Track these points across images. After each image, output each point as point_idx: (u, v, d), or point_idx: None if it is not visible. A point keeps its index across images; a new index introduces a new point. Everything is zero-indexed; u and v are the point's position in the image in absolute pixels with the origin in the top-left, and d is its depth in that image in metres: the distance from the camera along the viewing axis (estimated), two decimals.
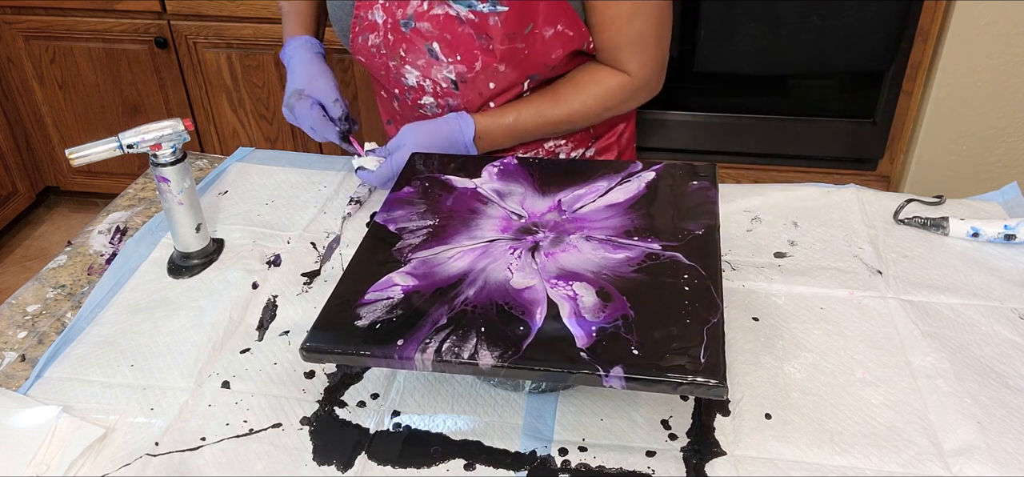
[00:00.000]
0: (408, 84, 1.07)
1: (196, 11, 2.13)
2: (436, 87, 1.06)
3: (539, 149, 1.16)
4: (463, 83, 1.04)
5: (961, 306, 0.90)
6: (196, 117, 2.31)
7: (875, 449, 0.74)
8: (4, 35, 2.25)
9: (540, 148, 1.16)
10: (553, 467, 0.74)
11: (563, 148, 1.17)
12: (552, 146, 1.16)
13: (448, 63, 1.02)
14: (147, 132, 0.93)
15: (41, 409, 0.80)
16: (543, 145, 1.16)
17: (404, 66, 1.05)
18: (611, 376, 0.68)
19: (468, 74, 1.03)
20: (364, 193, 1.13)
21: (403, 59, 1.05)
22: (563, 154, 1.18)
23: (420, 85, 1.06)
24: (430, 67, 1.04)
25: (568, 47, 1.03)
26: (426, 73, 1.05)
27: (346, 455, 0.76)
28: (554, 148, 1.17)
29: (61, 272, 1.04)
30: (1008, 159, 1.99)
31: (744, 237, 1.03)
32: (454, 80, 1.03)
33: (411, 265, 0.84)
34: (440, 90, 1.06)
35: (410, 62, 1.04)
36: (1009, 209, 1.05)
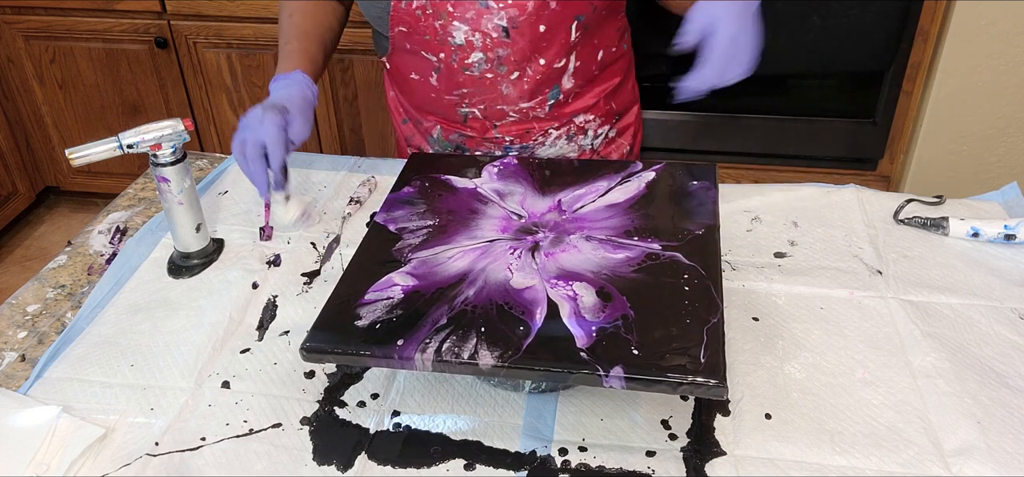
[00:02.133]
0: (455, 43, 1.04)
1: (196, 11, 2.13)
2: (486, 40, 1.03)
3: (570, 125, 1.15)
4: (514, 29, 1.02)
5: (961, 306, 0.90)
6: (196, 117, 2.31)
7: (875, 449, 0.74)
8: (4, 35, 2.25)
9: (571, 124, 1.15)
10: (553, 467, 0.74)
11: (591, 124, 1.16)
12: (582, 121, 1.15)
13: (499, 8, 1.01)
14: (147, 132, 0.93)
15: (41, 409, 0.80)
16: (573, 121, 1.15)
17: (451, 23, 1.03)
18: (611, 376, 0.68)
19: (520, 18, 1.01)
20: (364, 193, 1.13)
21: (450, 15, 1.02)
22: (591, 130, 1.17)
23: (469, 41, 1.04)
24: (480, 17, 1.02)
25: None
26: (476, 25, 1.02)
27: (346, 455, 0.76)
28: (584, 124, 1.16)
29: (61, 272, 1.04)
30: (1008, 159, 1.99)
31: (744, 237, 1.03)
32: (505, 27, 1.02)
33: (411, 265, 0.84)
34: (490, 42, 1.03)
35: (458, 16, 1.02)
36: (1009, 209, 1.05)
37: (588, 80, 1.13)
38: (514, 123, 1.12)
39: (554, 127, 1.14)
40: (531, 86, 1.08)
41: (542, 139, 1.14)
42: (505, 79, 1.07)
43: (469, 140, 1.15)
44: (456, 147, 1.17)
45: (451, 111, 1.13)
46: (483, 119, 1.12)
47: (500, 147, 1.15)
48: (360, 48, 2.11)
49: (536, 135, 1.14)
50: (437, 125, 1.16)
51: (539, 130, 1.13)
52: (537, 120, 1.12)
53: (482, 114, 1.11)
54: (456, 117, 1.13)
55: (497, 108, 1.10)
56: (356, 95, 2.20)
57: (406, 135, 1.24)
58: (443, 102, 1.12)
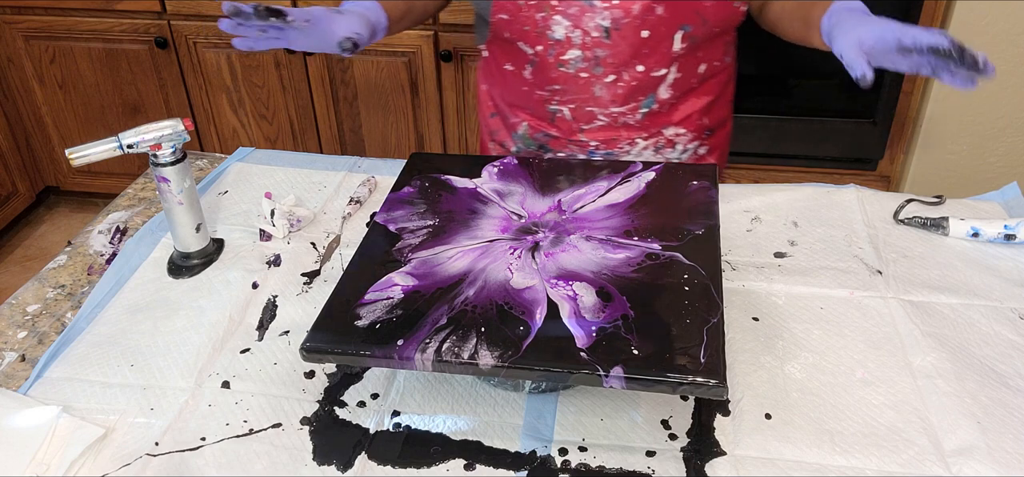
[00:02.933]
0: (554, 37, 1.03)
1: (196, 11, 2.13)
2: (585, 38, 1.02)
3: (660, 137, 1.12)
4: (616, 30, 1.01)
5: (961, 306, 0.90)
6: (196, 117, 2.31)
7: (875, 449, 0.74)
8: (4, 35, 2.25)
9: (661, 136, 1.12)
10: (553, 467, 0.74)
11: (682, 139, 1.13)
12: (672, 135, 1.12)
13: (603, 8, 0.99)
14: (147, 132, 0.93)
15: (41, 409, 0.80)
16: (663, 133, 1.12)
17: (553, 17, 1.01)
18: (611, 376, 0.68)
19: (623, 20, 1.00)
20: (364, 193, 1.13)
21: (553, 8, 1.01)
22: (681, 144, 1.14)
23: (568, 37, 1.02)
24: (582, 14, 1.00)
25: None
26: (577, 22, 1.01)
27: (346, 455, 0.76)
28: (674, 138, 1.13)
29: (61, 272, 1.04)
30: (1008, 159, 1.99)
31: (744, 237, 1.03)
32: (607, 27, 1.00)
33: (411, 265, 0.84)
34: (589, 40, 1.02)
35: (561, 10, 1.01)
36: (1009, 209, 1.05)
37: (686, 92, 1.09)
38: (602, 128, 1.10)
39: (643, 137, 1.11)
40: (625, 91, 1.06)
41: (628, 148, 1.12)
42: (599, 81, 1.05)
43: (554, 140, 1.13)
44: (539, 147, 1.15)
45: (540, 108, 1.11)
46: (571, 120, 1.10)
47: (584, 151, 1.12)
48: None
49: (622, 143, 1.11)
50: (524, 122, 1.15)
51: (626, 138, 1.11)
52: (626, 128, 1.10)
53: (571, 114, 1.09)
54: (545, 114, 1.11)
55: (587, 110, 1.08)
56: (356, 95, 2.20)
57: (492, 129, 1.22)
58: (534, 97, 1.10)
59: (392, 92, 2.17)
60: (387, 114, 2.22)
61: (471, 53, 2.07)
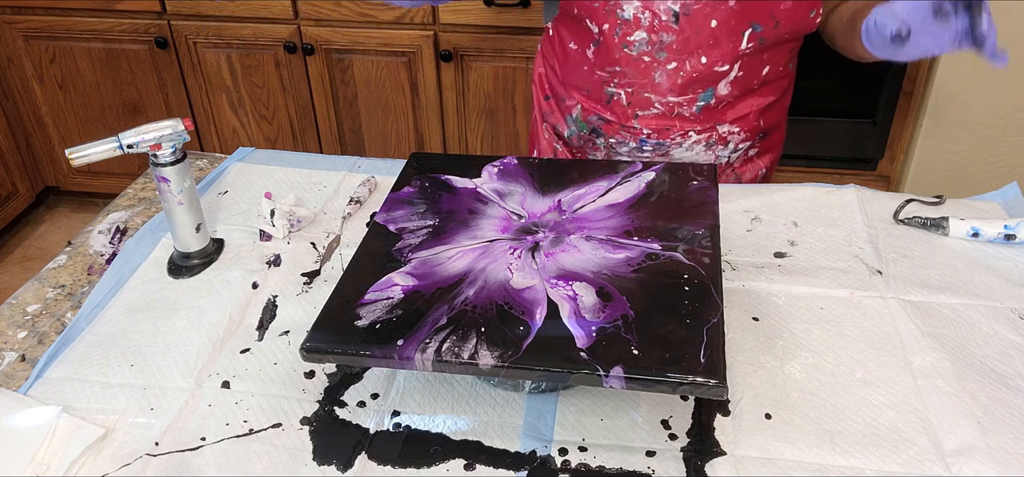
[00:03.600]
0: (623, 17, 1.03)
1: (196, 11, 2.13)
2: (654, 20, 1.02)
3: (713, 132, 1.11)
4: (685, 17, 1.00)
5: (961, 306, 0.90)
6: (196, 117, 2.31)
7: (875, 449, 0.74)
8: (4, 35, 2.25)
9: (714, 132, 1.11)
10: (553, 467, 0.74)
11: (734, 137, 1.13)
12: (725, 132, 1.12)
13: None
14: (147, 132, 0.93)
15: (41, 409, 0.80)
16: (716, 129, 1.11)
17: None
18: (611, 376, 0.68)
19: (693, 6, 0.99)
20: (364, 193, 1.13)
21: None
22: (733, 143, 1.14)
23: (636, 17, 1.02)
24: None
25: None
26: (647, 3, 1.01)
27: (346, 455, 0.76)
28: (727, 135, 1.13)
29: (61, 272, 1.04)
30: (1008, 159, 1.99)
31: (744, 237, 1.03)
32: (677, 12, 1.00)
33: (411, 265, 0.84)
34: (657, 23, 1.02)
35: None
36: (1009, 209, 1.05)
37: (746, 92, 1.09)
38: (656, 116, 1.09)
39: (696, 130, 1.11)
40: (685, 81, 1.05)
41: (680, 140, 1.11)
42: (661, 67, 1.05)
43: (607, 124, 1.13)
44: (591, 131, 1.15)
45: (598, 89, 1.11)
46: (627, 105, 1.10)
47: (636, 139, 1.12)
48: (359, 48, 2.11)
49: (674, 134, 1.11)
50: (579, 104, 1.15)
51: (679, 129, 1.10)
52: (681, 119, 1.10)
53: (627, 98, 1.09)
54: (601, 96, 1.11)
55: (644, 95, 1.08)
56: (356, 95, 2.20)
57: (545, 112, 1.22)
58: (593, 78, 1.10)
59: (392, 92, 2.17)
60: (387, 114, 2.22)
61: (471, 53, 2.07)
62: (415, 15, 2.03)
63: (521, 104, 2.13)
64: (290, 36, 2.12)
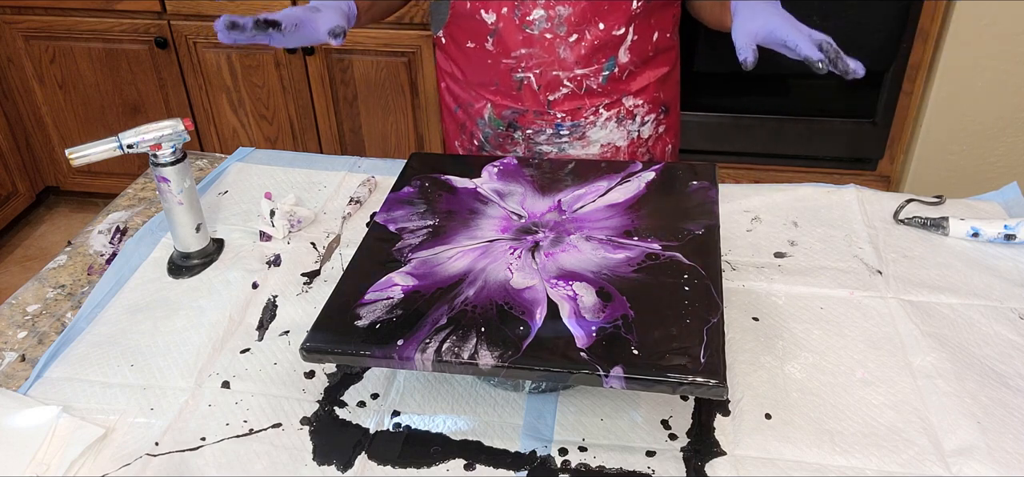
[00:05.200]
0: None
1: (196, 11, 2.13)
2: None
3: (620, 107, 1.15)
4: None
5: (961, 306, 0.90)
6: (196, 117, 2.31)
7: (875, 449, 0.74)
8: (4, 35, 2.25)
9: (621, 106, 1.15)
10: (553, 467, 0.74)
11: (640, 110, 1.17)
12: (631, 105, 1.16)
13: None
14: (147, 132, 0.93)
15: (41, 409, 0.80)
16: (622, 103, 1.15)
17: None
18: (611, 376, 0.68)
19: None
20: (364, 193, 1.13)
21: None
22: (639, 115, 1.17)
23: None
24: None
25: None
26: None
27: (346, 455, 0.76)
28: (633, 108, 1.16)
29: (61, 272, 1.04)
30: (1008, 159, 1.99)
31: (744, 237, 1.03)
32: None
33: (411, 265, 0.84)
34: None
35: None
36: (1009, 209, 1.05)
37: (643, 60, 1.13)
38: (568, 96, 1.12)
39: (605, 105, 1.14)
40: (588, 50, 1.08)
41: (593, 118, 1.14)
42: (564, 41, 1.07)
43: (521, 116, 1.14)
44: (508, 126, 1.16)
45: (506, 78, 1.12)
46: (538, 88, 1.11)
47: (552, 125, 1.14)
48: (359, 48, 2.11)
49: (587, 112, 1.14)
50: (488, 104, 1.16)
51: (590, 107, 1.13)
52: (590, 95, 1.12)
53: (537, 80, 1.11)
54: (511, 85, 1.12)
55: (553, 74, 1.10)
56: (356, 95, 2.20)
57: (460, 122, 1.23)
58: (499, 69, 1.12)
59: (392, 92, 2.17)
60: (387, 114, 2.22)
61: None
62: (415, 15, 2.03)
63: None
64: None
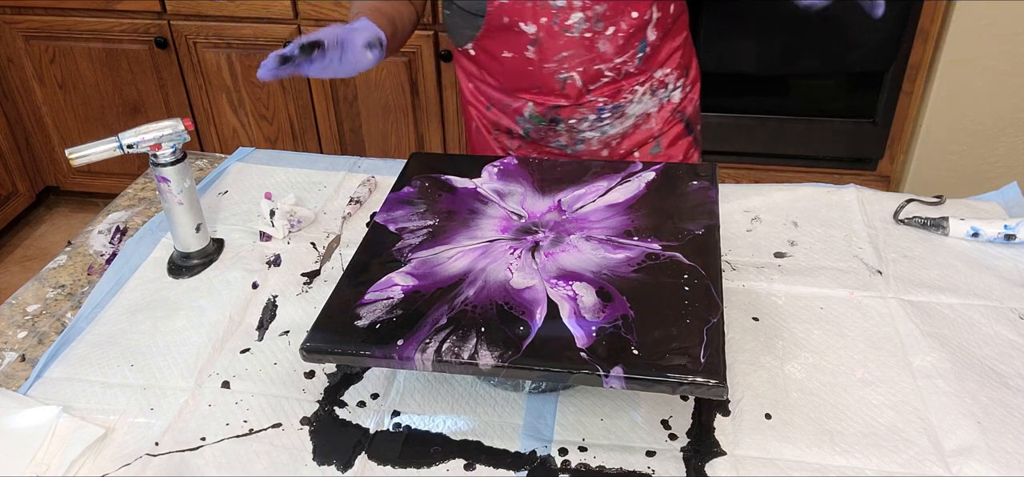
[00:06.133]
0: (556, 6, 1.07)
1: (196, 11, 2.13)
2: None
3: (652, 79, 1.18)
4: None
5: (961, 306, 0.90)
6: (196, 117, 2.31)
7: (875, 449, 0.74)
8: (4, 35, 2.25)
9: (652, 78, 1.18)
10: (553, 467, 0.74)
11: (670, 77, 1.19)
12: (662, 75, 1.18)
13: None
14: (147, 132, 0.93)
15: (41, 409, 0.80)
16: (653, 75, 1.17)
17: None
18: (611, 376, 0.68)
19: None
20: (364, 193, 1.13)
21: None
22: (670, 82, 1.19)
23: (569, 3, 1.07)
24: None
25: None
26: None
27: (346, 455, 0.76)
28: (664, 78, 1.19)
29: (61, 272, 1.04)
30: (1008, 159, 1.99)
31: (744, 237, 1.03)
32: None
33: (411, 265, 0.84)
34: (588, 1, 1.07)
35: None
36: (1009, 209, 1.05)
37: (665, 33, 1.16)
38: (607, 83, 1.14)
39: (640, 83, 1.17)
40: (624, 39, 1.10)
41: (630, 96, 1.17)
42: (601, 36, 1.09)
43: (564, 109, 1.16)
44: (550, 121, 1.18)
45: (549, 81, 1.14)
46: (580, 85, 1.13)
47: (593, 110, 1.16)
48: None
49: (625, 93, 1.16)
50: (529, 102, 1.17)
51: (628, 88, 1.16)
52: (628, 77, 1.15)
53: (580, 77, 1.13)
54: (553, 86, 1.14)
55: (594, 68, 1.12)
56: (356, 95, 2.20)
57: (492, 120, 1.23)
58: (541, 73, 1.13)
59: (392, 92, 2.17)
60: (387, 114, 2.22)
61: None
62: None
63: None
64: (290, 36, 2.12)
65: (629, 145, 1.22)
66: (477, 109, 1.25)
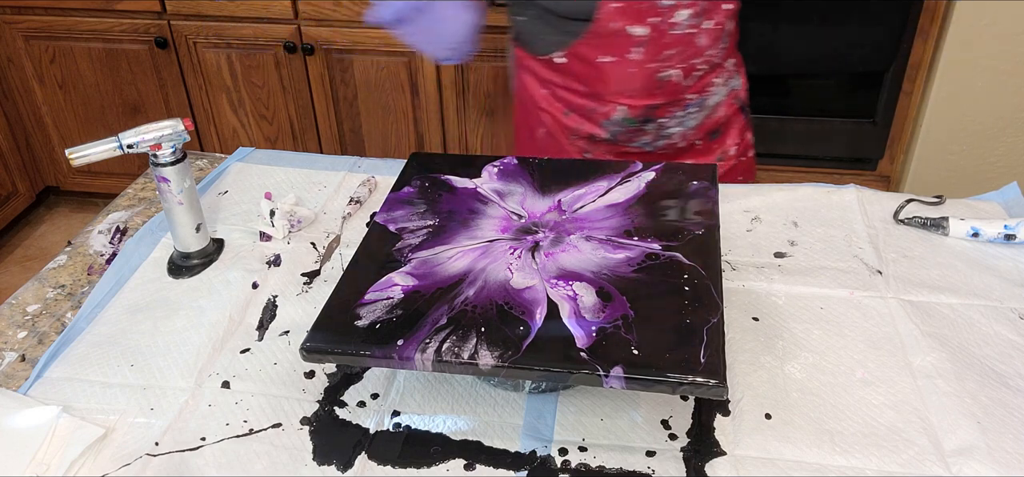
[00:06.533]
0: (664, 5, 1.07)
1: (196, 11, 2.13)
2: None
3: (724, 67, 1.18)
4: None
5: (961, 306, 0.90)
6: (196, 117, 2.31)
7: (875, 449, 0.74)
8: (4, 35, 2.25)
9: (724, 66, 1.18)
10: (553, 467, 0.74)
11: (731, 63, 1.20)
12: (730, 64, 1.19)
13: None
14: (147, 132, 0.93)
15: (41, 409, 0.80)
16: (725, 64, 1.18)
17: None
18: (611, 376, 0.68)
19: None
20: (364, 193, 1.13)
21: None
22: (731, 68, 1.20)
23: (677, 1, 1.07)
24: None
25: None
26: None
27: (346, 455, 0.76)
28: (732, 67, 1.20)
29: (61, 272, 1.04)
30: (1008, 159, 1.99)
31: (744, 237, 1.03)
32: None
33: (411, 265, 0.84)
34: None
35: None
36: (1009, 209, 1.05)
37: (731, 17, 1.17)
38: (701, 77, 1.15)
39: (720, 72, 1.18)
40: (717, 29, 1.12)
41: (712, 88, 1.18)
42: (700, 30, 1.10)
43: (659, 109, 1.16)
44: (643, 121, 1.17)
45: (649, 82, 1.14)
46: (679, 81, 1.14)
47: (683, 107, 1.17)
48: (359, 48, 2.11)
49: (709, 85, 1.17)
50: (622, 106, 1.16)
51: (712, 79, 1.17)
52: (714, 68, 1.16)
53: (681, 74, 1.14)
54: (653, 86, 1.14)
55: (691, 63, 1.13)
56: (356, 95, 2.20)
57: (570, 126, 1.21)
58: (642, 74, 1.13)
59: (392, 92, 2.17)
60: (387, 114, 2.22)
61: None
62: None
63: None
64: (290, 36, 2.12)
65: (700, 134, 1.22)
66: (551, 114, 1.23)
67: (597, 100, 1.17)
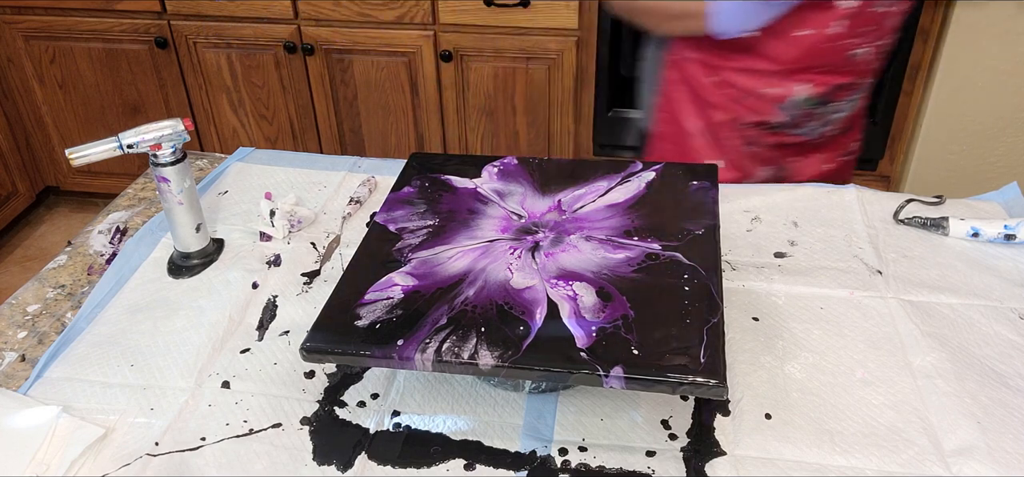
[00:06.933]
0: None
1: (196, 11, 2.13)
2: None
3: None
4: None
5: (961, 306, 0.90)
6: (196, 117, 2.31)
7: (875, 449, 0.74)
8: (4, 35, 2.25)
9: None
10: (553, 467, 0.74)
11: None
12: None
13: None
14: (147, 132, 0.93)
15: (41, 409, 0.80)
16: None
17: None
18: (611, 376, 0.68)
19: None
20: (364, 193, 1.13)
21: None
22: None
23: None
24: None
25: None
26: None
27: (346, 455, 0.76)
28: None
29: (61, 272, 1.04)
30: (1008, 159, 1.99)
31: (744, 237, 1.03)
32: None
33: (411, 265, 0.84)
34: None
35: None
36: (1009, 209, 1.05)
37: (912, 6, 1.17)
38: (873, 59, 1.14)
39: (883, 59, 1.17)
40: (902, 13, 1.11)
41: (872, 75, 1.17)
42: (893, 12, 1.10)
43: (841, 90, 1.15)
44: (820, 103, 1.15)
45: (840, 58, 1.12)
46: (867, 59, 1.13)
47: (857, 91, 1.17)
48: (359, 48, 2.11)
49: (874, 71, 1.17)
50: (807, 84, 1.13)
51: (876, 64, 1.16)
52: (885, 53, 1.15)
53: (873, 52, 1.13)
54: (841, 63, 1.12)
55: (880, 43, 1.13)
56: (356, 95, 2.20)
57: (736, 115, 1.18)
58: (837, 49, 1.11)
59: (392, 92, 2.17)
60: (387, 114, 2.22)
61: (471, 53, 2.06)
62: (415, 15, 2.03)
63: (521, 104, 2.13)
64: (290, 36, 2.12)
65: (844, 125, 1.21)
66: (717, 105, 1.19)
67: (783, 78, 1.13)
